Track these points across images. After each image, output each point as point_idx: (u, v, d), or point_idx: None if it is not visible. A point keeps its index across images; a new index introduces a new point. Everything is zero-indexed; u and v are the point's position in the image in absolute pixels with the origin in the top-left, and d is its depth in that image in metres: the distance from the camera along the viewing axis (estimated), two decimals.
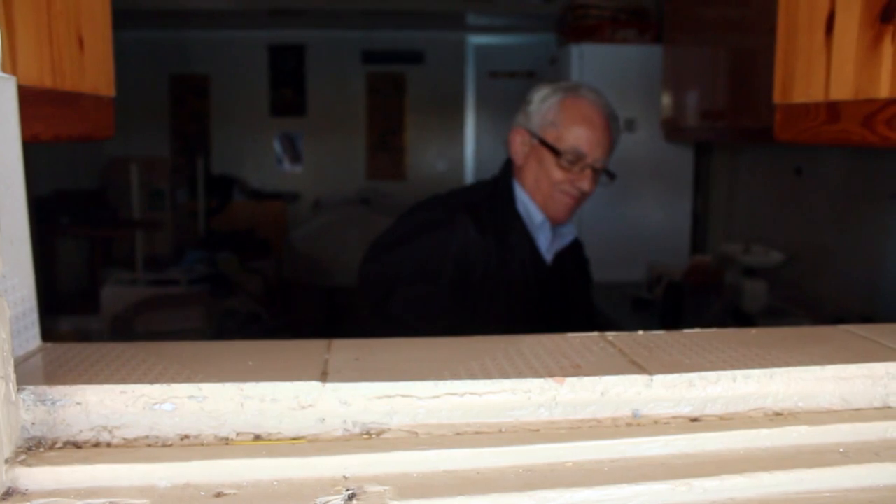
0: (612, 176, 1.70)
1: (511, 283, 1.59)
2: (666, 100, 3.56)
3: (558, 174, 1.63)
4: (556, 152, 1.61)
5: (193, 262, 4.84)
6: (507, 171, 1.75)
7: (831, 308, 2.70)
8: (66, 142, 0.90)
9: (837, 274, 2.74)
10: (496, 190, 1.72)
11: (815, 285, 2.88)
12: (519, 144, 1.70)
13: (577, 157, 1.61)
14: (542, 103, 1.66)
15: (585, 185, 1.63)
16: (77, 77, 0.89)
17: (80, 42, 0.89)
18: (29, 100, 0.74)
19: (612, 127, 1.67)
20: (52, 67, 0.81)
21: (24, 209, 0.67)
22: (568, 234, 1.77)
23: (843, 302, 2.67)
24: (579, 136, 1.62)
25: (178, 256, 5.20)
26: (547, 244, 1.71)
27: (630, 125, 3.64)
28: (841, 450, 0.61)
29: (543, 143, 1.64)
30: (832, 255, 2.77)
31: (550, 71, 4.05)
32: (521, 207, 1.68)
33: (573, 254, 1.82)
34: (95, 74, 0.95)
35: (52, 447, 0.57)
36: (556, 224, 1.71)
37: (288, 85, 6.71)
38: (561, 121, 1.63)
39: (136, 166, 5.06)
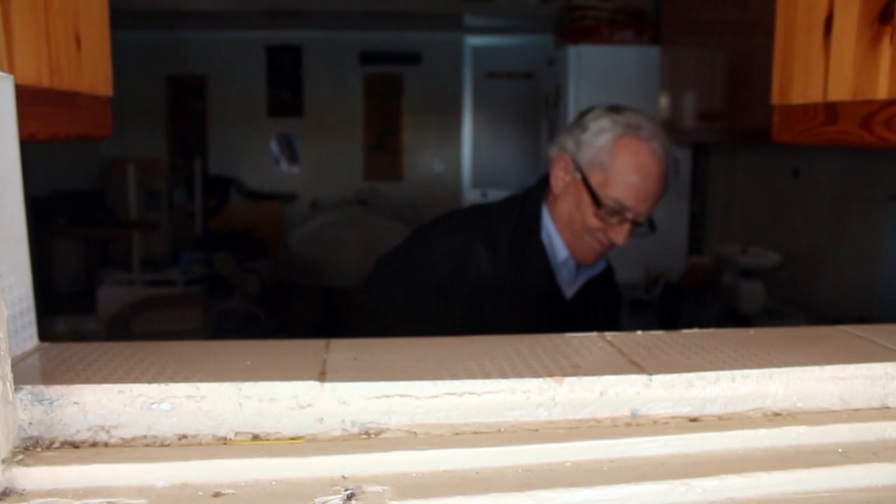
0: (653, 228, 1.51)
1: (522, 319, 1.47)
2: (663, 101, 3.56)
3: (594, 222, 1.46)
4: (597, 202, 1.44)
5: (190, 263, 4.83)
6: (539, 193, 1.56)
7: (828, 309, 2.70)
8: (64, 141, 0.89)
9: (834, 275, 2.74)
10: (522, 214, 1.53)
11: (812, 286, 2.88)
12: (561, 171, 1.50)
13: (619, 210, 1.43)
14: (597, 136, 1.46)
15: (620, 238, 1.46)
16: (74, 76, 0.88)
17: (78, 41, 0.89)
18: (26, 99, 0.74)
19: (667, 176, 1.48)
20: (49, 67, 0.81)
21: (22, 208, 0.67)
22: (596, 268, 1.59)
23: (840, 303, 2.67)
24: (628, 188, 1.43)
25: (175, 257, 5.20)
26: (570, 279, 1.56)
27: None
28: (840, 450, 0.61)
29: (586, 183, 1.46)
30: (829, 257, 2.77)
31: (548, 72, 4.06)
32: (545, 237, 1.53)
33: (601, 283, 1.64)
34: (93, 74, 0.94)
35: (49, 447, 0.56)
36: (580, 265, 1.55)
37: (285, 85, 6.71)
38: (612, 165, 1.44)
39: (132, 167, 5.05)
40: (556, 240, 1.52)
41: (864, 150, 2.55)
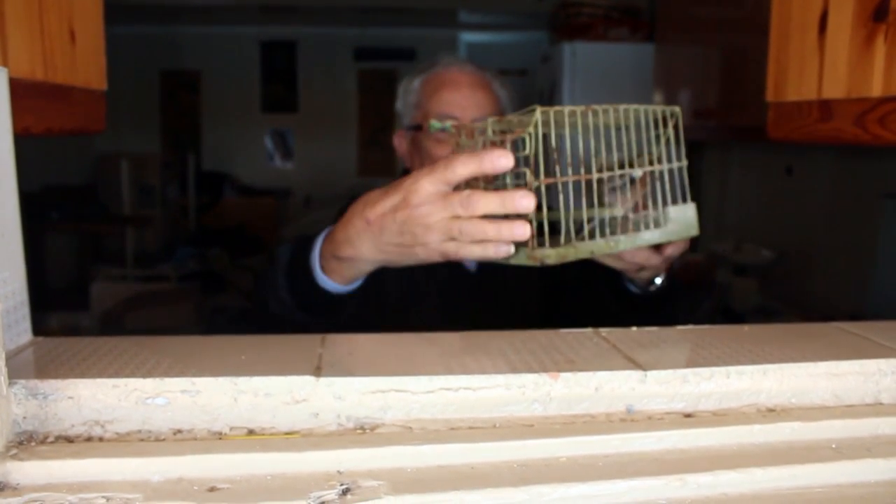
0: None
1: (426, 298, 1.39)
2: (658, 98, 3.57)
3: (437, 149, 1.35)
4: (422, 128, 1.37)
5: (184, 259, 4.82)
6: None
7: (821, 306, 2.71)
8: (58, 135, 0.89)
9: (827, 273, 2.75)
10: None
11: (805, 284, 2.89)
12: (398, 142, 1.48)
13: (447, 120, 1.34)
14: (406, 96, 1.46)
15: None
16: (69, 70, 0.88)
17: (72, 35, 0.89)
18: (20, 92, 0.74)
19: (490, 85, 1.41)
20: (43, 60, 0.81)
21: (16, 202, 0.67)
22: None
23: (833, 300, 2.68)
24: (442, 101, 1.37)
25: (169, 253, 5.19)
26: None
27: None
28: (833, 445, 0.61)
29: (412, 128, 1.41)
30: (822, 254, 2.78)
31: (542, 69, 4.06)
32: None
33: None
34: (87, 68, 0.94)
35: (43, 441, 0.56)
36: None
37: (279, 81, 6.70)
38: (423, 97, 1.41)
39: (126, 162, 5.05)
40: None
41: (858, 149, 2.56)
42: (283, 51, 6.66)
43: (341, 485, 0.52)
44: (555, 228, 0.81)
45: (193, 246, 5.28)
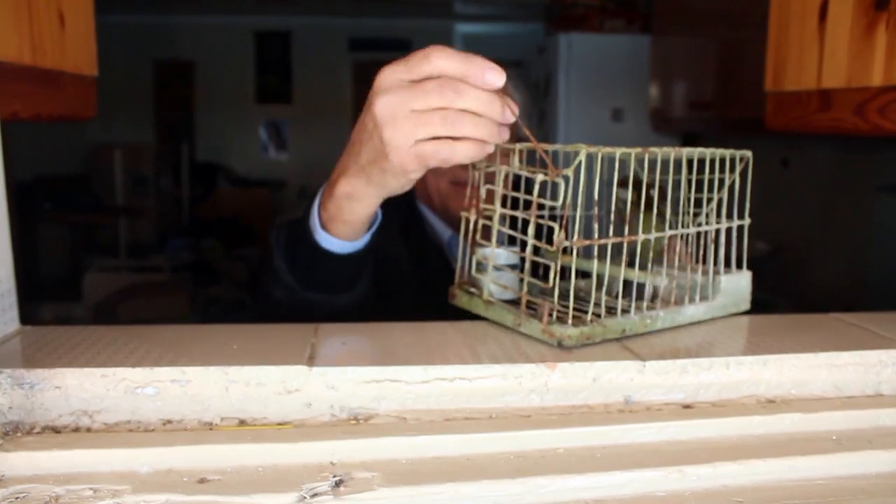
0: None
1: (422, 299, 1.28)
2: (654, 90, 3.56)
3: None
4: None
5: (177, 250, 4.81)
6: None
7: (816, 299, 2.71)
8: (48, 121, 0.87)
9: (822, 265, 2.75)
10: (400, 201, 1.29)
11: (800, 277, 2.89)
12: None
13: None
14: None
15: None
16: (58, 55, 0.86)
17: (62, 19, 0.87)
18: (8, 76, 0.72)
19: (506, 86, 1.30)
20: (31, 44, 0.79)
21: (3, 189, 0.65)
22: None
23: (828, 293, 2.68)
24: None
25: (162, 243, 5.17)
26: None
27: (618, 115, 3.64)
28: (834, 437, 0.61)
29: None
30: (818, 247, 2.78)
31: (538, 60, 4.04)
32: (427, 228, 1.35)
33: None
34: (77, 53, 0.92)
35: (30, 432, 0.55)
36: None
37: (274, 72, 6.66)
38: None
39: (119, 152, 5.02)
40: (430, 218, 1.36)
41: (854, 141, 2.55)
42: (278, 41, 6.62)
43: (334, 476, 0.51)
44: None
45: (187, 237, 5.26)
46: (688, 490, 0.54)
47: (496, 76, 0.63)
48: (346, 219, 0.82)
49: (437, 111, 0.64)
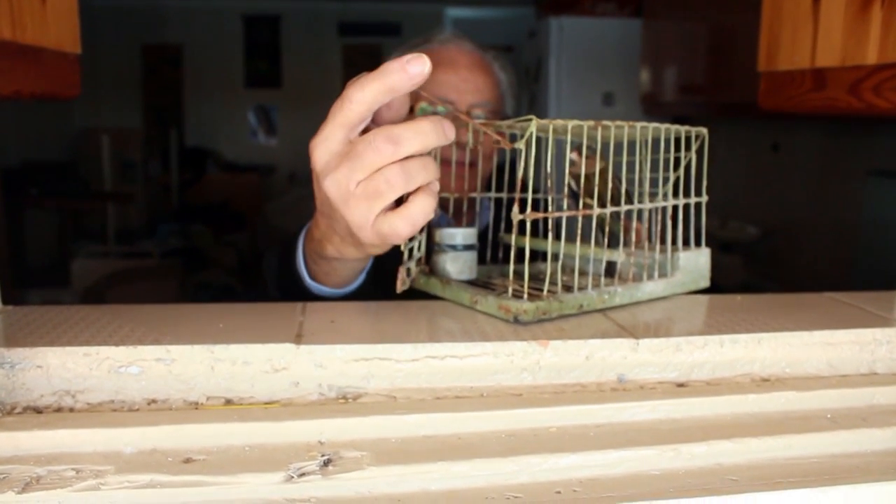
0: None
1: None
2: (645, 74, 3.54)
3: None
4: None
5: (166, 235, 4.78)
6: None
7: (806, 283, 2.71)
8: (29, 99, 0.85)
9: (813, 250, 2.76)
10: None
11: (790, 261, 2.89)
12: None
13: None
14: None
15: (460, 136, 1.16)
16: (39, 30, 0.84)
17: None
18: None
19: (491, 67, 1.29)
20: (11, 17, 0.77)
21: None
22: (483, 220, 1.28)
23: (818, 277, 2.68)
24: (436, 82, 1.22)
25: (151, 229, 5.14)
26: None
27: (609, 99, 3.63)
28: (828, 415, 0.60)
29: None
30: (808, 231, 2.78)
31: (529, 44, 4.02)
32: None
33: None
34: (59, 29, 0.90)
35: (10, 412, 0.54)
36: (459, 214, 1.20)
37: (263, 56, 6.61)
38: None
39: (107, 137, 4.98)
40: None
41: (844, 125, 2.55)
42: (267, 25, 6.57)
43: (322, 455, 0.50)
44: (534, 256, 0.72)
45: (176, 222, 5.23)
46: (682, 468, 0.53)
47: (418, 63, 0.57)
48: (339, 275, 0.80)
49: (380, 173, 0.59)
